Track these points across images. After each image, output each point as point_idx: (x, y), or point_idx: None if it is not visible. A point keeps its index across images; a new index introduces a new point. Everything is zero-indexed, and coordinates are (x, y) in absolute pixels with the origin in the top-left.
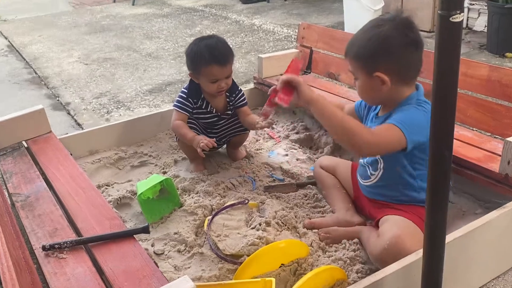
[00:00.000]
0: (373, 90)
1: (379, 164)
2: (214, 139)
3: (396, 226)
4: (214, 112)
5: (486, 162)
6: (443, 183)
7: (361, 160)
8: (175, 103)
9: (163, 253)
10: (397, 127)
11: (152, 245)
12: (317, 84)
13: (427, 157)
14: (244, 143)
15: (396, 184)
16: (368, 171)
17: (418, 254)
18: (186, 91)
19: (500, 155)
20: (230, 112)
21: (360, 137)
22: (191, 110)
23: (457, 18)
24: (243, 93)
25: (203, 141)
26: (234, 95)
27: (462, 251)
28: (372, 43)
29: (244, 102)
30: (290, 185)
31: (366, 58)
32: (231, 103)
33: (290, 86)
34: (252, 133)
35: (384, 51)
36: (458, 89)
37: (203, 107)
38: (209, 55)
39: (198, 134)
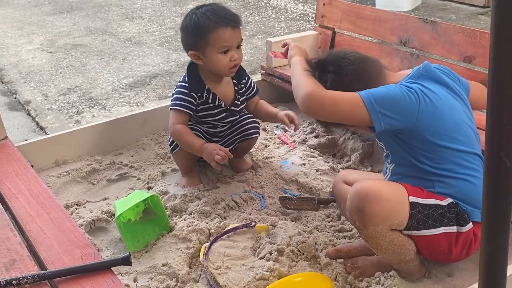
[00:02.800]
0: None
1: (389, 157)
2: (227, 150)
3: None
4: (222, 105)
5: None
6: (503, 198)
7: (384, 155)
8: (173, 101)
9: None
10: (358, 94)
11: (135, 280)
12: None
13: (435, 144)
14: (251, 151)
15: (407, 178)
16: (386, 164)
17: None
18: (185, 84)
19: None
20: (239, 103)
21: (304, 88)
22: (194, 108)
23: None
24: (251, 79)
25: (219, 152)
26: (243, 82)
27: None
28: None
29: (255, 90)
30: (310, 201)
31: None
32: (240, 92)
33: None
34: (260, 138)
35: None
36: None
37: (209, 101)
38: (215, 17)
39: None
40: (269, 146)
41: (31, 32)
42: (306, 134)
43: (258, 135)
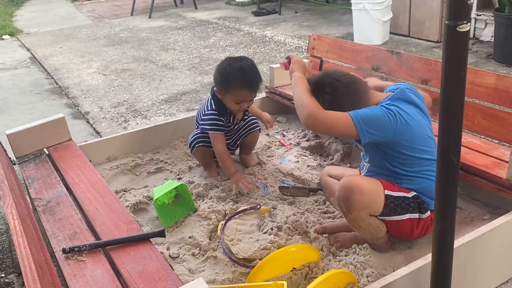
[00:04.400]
0: None
1: (367, 158)
2: (253, 186)
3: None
4: (236, 122)
5: (494, 168)
6: (451, 189)
7: (362, 154)
8: (209, 126)
9: (178, 256)
10: (349, 115)
11: (168, 249)
12: None
13: (406, 155)
14: (257, 151)
15: (380, 175)
16: (363, 162)
17: (427, 259)
18: (215, 112)
19: (507, 162)
20: (246, 117)
21: (307, 108)
22: (224, 129)
23: (464, 28)
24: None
25: (244, 183)
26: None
27: (470, 257)
28: None
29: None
30: (302, 189)
31: None
32: (246, 112)
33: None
34: (264, 141)
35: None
36: (465, 97)
37: (230, 121)
38: (242, 78)
39: (202, 132)
40: (271, 147)
41: (90, 59)
42: (299, 138)
43: (259, 128)
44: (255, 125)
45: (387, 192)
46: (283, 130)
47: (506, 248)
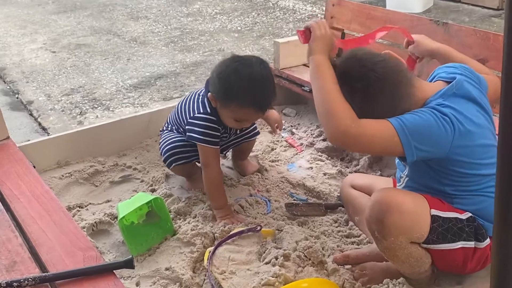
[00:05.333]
0: None
1: (405, 169)
2: (242, 224)
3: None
4: (232, 131)
5: None
6: None
7: (397, 161)
8: (200, 136)
9: None
10: (391, 125)
11: (137, 285)
12: None
13: (461, 173)
14: (257, 153)
15: (423, 192)
16: (400, 172)
17: None
18: (211, 118)
19: None
20: (244, 128)
21: (337, 119)
22: (220, 141)
23: None
24: None
25: (229, 221)
26: None
27: None
28: None
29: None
30: (317, 206)
31: None
32: None
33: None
34: (266, 141)
35: None
36: None
37: (227, 131)
38: (251, 94)
39: (179, 141)
40: (275, 149)
41: (34, 31)
42: (313, 137)
43: (255, 137)
44: (253, 132)
45: (434, 212)
46: (291, 127)
47: None
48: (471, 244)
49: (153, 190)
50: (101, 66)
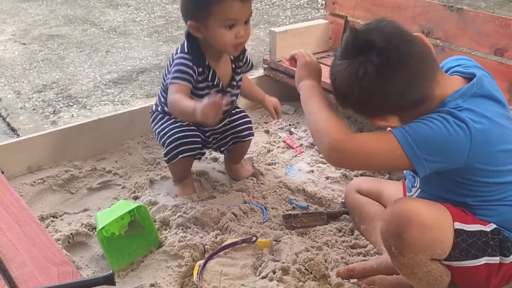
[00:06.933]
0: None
1: (416, 182)
2: (229, 99)
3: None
4: (219, 86)
5: None
6: None
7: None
8: (174, 74)
9: None
10: (393, 135)
11: None
12: None
13: (482, 182)
14: (251, 156)
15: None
16: (409, 183)
17: None
18: (187, 56)
19: None
20: (235, 84)
21: (328, 135)
22: (194, 82)
23: None
24: (247, 53)
25: (207, 107)
26: (241, 57)
27: None
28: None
29: (250, 66)
30: (318, 215)
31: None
32: (237, 71)
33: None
34: (262, 141)
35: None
36: None
37: (208, 79)
38: None
39: (187, 131)
40: (272, 150)
41: (1, 21)
42: None
43: (252, 137)
44: (247, 132)
45: (458, 225)
46: (290, 126)
47: None
48: (496, 259)
49: (136, 198)
50: (77, 60)
